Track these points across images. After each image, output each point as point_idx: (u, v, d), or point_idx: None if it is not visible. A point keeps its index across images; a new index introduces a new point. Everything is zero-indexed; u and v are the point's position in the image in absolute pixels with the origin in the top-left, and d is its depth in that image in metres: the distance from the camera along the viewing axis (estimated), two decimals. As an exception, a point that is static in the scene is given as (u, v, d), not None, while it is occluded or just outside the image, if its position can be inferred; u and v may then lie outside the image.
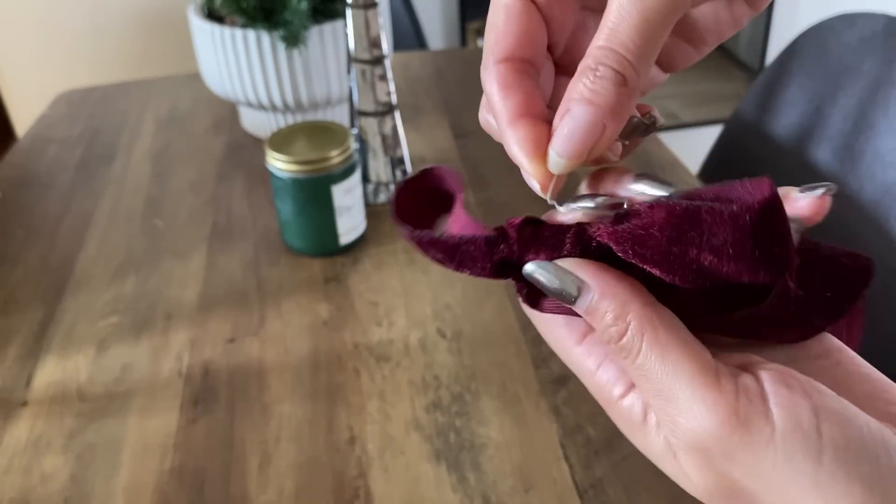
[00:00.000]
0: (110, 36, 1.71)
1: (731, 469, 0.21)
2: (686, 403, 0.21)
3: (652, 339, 0.22)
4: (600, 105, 0.22)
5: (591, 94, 0.22)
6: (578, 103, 0.22)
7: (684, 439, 0.21)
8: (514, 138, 0.24)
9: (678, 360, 0.21)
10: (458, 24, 2.16)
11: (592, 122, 0.22)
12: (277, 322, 0.64)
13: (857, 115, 0.82)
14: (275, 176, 0.67)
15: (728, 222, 0.21)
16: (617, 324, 0.22)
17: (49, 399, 0.57)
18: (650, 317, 0.22)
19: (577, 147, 0.23)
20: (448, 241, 0.25)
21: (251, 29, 0.78)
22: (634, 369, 0.22)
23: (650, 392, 0.22)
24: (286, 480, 0.51)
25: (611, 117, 0.22)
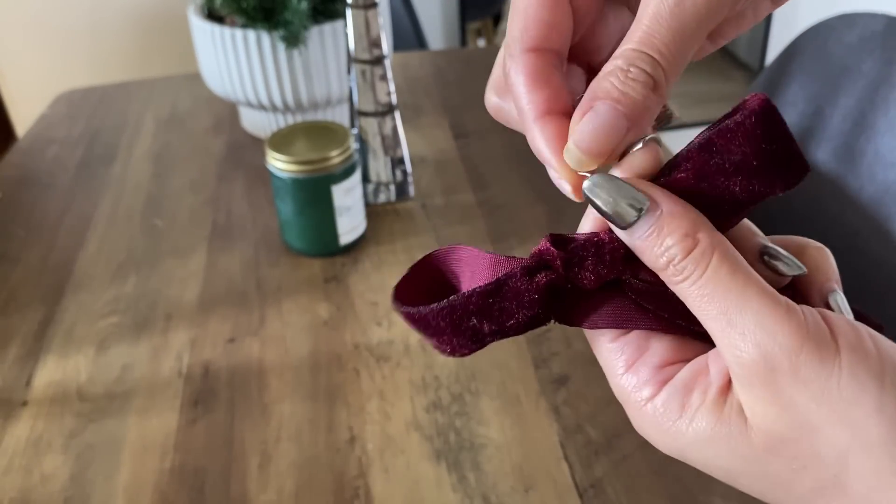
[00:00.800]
0: (110, 36, 1.71)
1: (797, 392, 0.20)
2: (755, 317, 0.20)
3: (722, 254, 0.21)
4: (628, 107, 0.22)
5: (619, 95, 0.22)
6: (605, 102, 0.22)
7: (752, 358, 0.21)
8: (542, 136, 0.23)
9: (747, 277, 0.21)
10: (458, 24, 2.16)
11: (617, 123, 0.22)
12: (277, 322, 0.64)
13: (857, 115, 0.82)
14: (275, 176, 0.67)
15: (737, 133, 0.21)
16: (686, 240, 0.21)
17: (49, 399, 0.57)
18: (720, 240, 0.22)
19: (599, 146, 0.22)
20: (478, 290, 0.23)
21: (251, 29, 0.78)
22: (699, 288, 0.21)
23: (714, 312, 0.21)
24: (286, 480, 0.51)
25: (637, 120, 0.22)
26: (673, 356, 0.24)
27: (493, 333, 0.24)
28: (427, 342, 0.25)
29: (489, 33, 2.59)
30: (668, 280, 0.22)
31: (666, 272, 0.22)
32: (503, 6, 2.65)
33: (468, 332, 0.24)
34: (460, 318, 0.23)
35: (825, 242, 0.27)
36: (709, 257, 0.21)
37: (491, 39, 2.60)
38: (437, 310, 0.23)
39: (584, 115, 0.22)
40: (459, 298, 0.23)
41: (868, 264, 0.77)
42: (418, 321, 0.24)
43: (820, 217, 0.83)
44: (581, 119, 0.22)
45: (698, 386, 0.23)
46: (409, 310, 0.24)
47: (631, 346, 0.24)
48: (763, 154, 0.21)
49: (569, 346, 0.61)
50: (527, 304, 0.23)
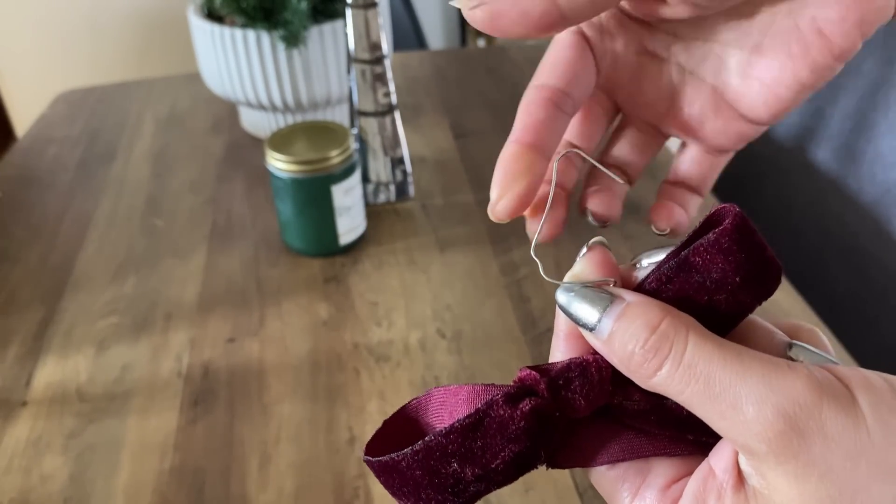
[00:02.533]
0: (110, 36, 1.71)
1: (830, 454, 0.18)
2: (765, 382, 0.19)
3: (700, 331, 0.20)
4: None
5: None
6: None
7: (776, 429, 0.18)
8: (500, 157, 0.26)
9: (738, 348, 0.20)
10: (458, 24, 2.16)
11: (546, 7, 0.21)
12: (277, 322, 0.64)
13: (857, 115, 0.82)
14: (275, 176, 0.67)
15: (714, 251, 0.21)
16: (654, 332, 0.20)
17: (49, 399, 0.57)
18: (687, 321, 0.20)
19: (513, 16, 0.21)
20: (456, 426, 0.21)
21: (251, 29, 0.78)
22: (686, 370, 0.19)
23: (715, 392, 0.19)
24: (286, 480, 0.51)
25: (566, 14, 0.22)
26: (676, 473, 0.22)
27: (477, 480, 0.21)
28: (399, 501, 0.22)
29: (489, 33, 2.59)
30: (648, 377, 0.20)
31: (643, 367, 0.20)
32: (503, 6, 2.65)
33: (448, 482, 0.21)
34: (438, 463, 0.21)
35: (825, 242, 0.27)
36: (684, 331, 0.20)
37: (491, 39, 2.60)
38: (410, 454, 0.21)
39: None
40: (435, 438, 0.21)
41: (868, 264, 0.77)
42: (390, 471, 0.22)
43: (820, 217, 0.83)
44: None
45: (710, 493, 0.21)
46: (380, 459, 0.22)
47: (631, 471, 0.23)
48: (742, 268, 0.21)
49: (569, 346, 0.60)
50: (513, 436, 0.21)
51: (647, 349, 0.20)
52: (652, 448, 0.22)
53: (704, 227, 0.22)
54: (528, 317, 0.63)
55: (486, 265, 0.70)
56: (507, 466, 0.21)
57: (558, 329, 0.24)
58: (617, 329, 0.21)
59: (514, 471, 0.22)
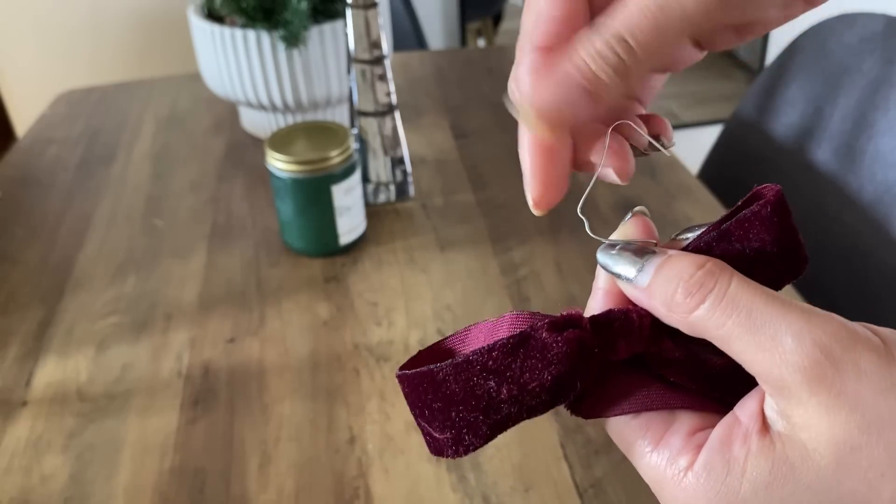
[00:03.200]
0: (110, 36, 1.71)
1: (863, 387, 0.19)
2: (804, 317, 0.20)
3: (741, 275, 0.21)
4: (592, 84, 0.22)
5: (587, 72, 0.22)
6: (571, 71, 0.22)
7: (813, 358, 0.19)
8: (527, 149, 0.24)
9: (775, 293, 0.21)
10: (458, 24, 2.16)
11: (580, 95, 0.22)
12: (277, 322, 0.64)
13: (857, 115, 0.82)
14: (275, 176, 0.67)
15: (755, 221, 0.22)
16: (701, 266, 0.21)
17: (49, 399, 0.57)
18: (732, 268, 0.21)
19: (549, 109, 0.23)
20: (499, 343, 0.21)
21: (251, 29, 0.78)
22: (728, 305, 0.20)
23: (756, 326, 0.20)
24: (286, 480, 0.51)
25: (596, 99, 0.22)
26: (702, 423, 0.23)
27: (511, 401, 0.21)
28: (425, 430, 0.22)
29: (489, 33, 2.59)
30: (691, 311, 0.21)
31: (684, 302, 0.21)
32: (503, 6, 2.65)
33: (483, 401, 0.21)
34: (477, 377, 0.21)
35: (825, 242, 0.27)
36: (728, 272, 0.21)
37: (491, 39, 2.60)
38: (449, 366, 0.21)
39: (549, 75, 0.22)
40: (477, 353, 0.21)
41: (868, 264, 0.77)
42: (424, 384, 0.21)
43: (820, 217, 0.83)
44: (543, 76, 0.22)
45: (736, 438, 0.21)
46: (417, 370, 0.21)
47: (656, 419, 0.23)
48: (779, 241, 0.22)
49: (569, 346, 0.60)
50: (554, 360, 0.21)
51: (691, 283, 0.21)
52: (679, 400, 0.23)
53: (745, 203, 0.23)
54: (528, 317, 0.63)
55: (486, 265, 0.70)
56: (542, 390, 0.21)
57: (597, 287, 0.25)
58: (658, 275, 0.22)
59: (549, 397, 0.21)
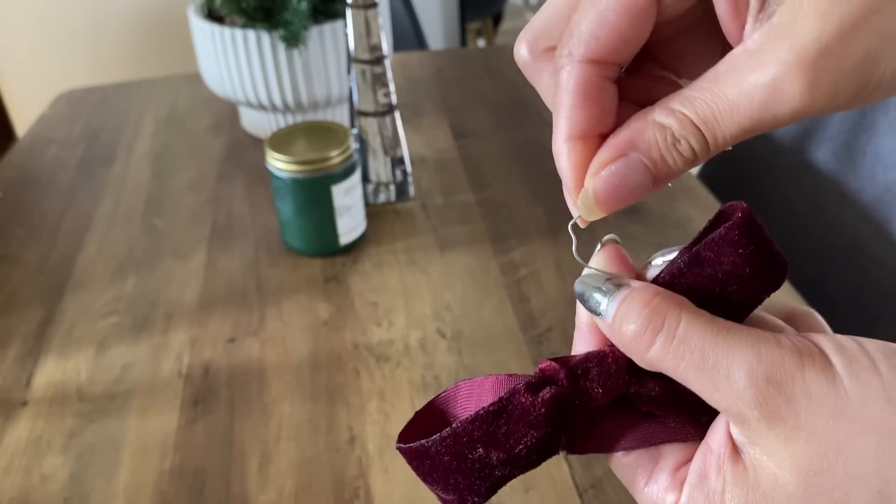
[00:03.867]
0: (110, 36, 1.71)
1: (814, 414, 0.19)
2: (753, 351, 0.20)
3: (691, 308, 0.21)
4: (661, 172, 0.21)
5: (659, 159, 0.21)
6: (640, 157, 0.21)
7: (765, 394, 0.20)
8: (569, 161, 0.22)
9: (726, 322, 0.21)
10: (458, 24, 2.16)
11: (642, 183, 0.21)
12: (277, 322, 0.64)
13: (856, 114, 0.82)
14: (275, 176, 0.67)
15: (724, 244, 0.22)
16: (653, 301, 0.21)
17: (49, 399, 0.57)
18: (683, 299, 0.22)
19: (615, 201, 0.22)
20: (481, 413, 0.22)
21: (251, 29, 0.78)
22: (679, 344, 0.21)
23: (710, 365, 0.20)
24: (286, 480, 0.51)
25: (660, 185, 0.21)
26: (685, 456, 0.24)
27: (502, 464, 0.22)
28: (433, 492, 0.24)
29: (489, 33, 2.59)
30: (644, 353, 0.21)
31: (638, 342, 0.21)
32: (503, 6, 2.65)
33: (475, 467, 0.22)
34: (465, 448, 0.22)
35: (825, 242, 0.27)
36: (676, 308, 0.21)
37: (491, 39, 2.60)
38: (439, 440, 0.22)
39: (615, 159, 0.21)
40: (462, 425, 0.22)
41: (868, 264, 0.77)
42: (420, 457, 0.23)
43: (820, 217, 0.83)
44: (610, 165, 0.21)
45: (710, 469, 0.22)
46: (410, 445, 0.23)
47: (644, 457, 0.24)
48: (751, 260, 0.22)
49: (569, 346, 0.60)
50: (534, 422, 0.22)
51: (640, 324, 0.21)
52: (665, 434, 0.24)
53: (714, 224, 0.23)
54: (527, 317, 0.63)
55: (486, 265, 0.70)
56: (529, 451, 0.22)
57: (580, 322, 0.25)
58: (617, 311, 0.22)
59: (536, 456, 0.23)
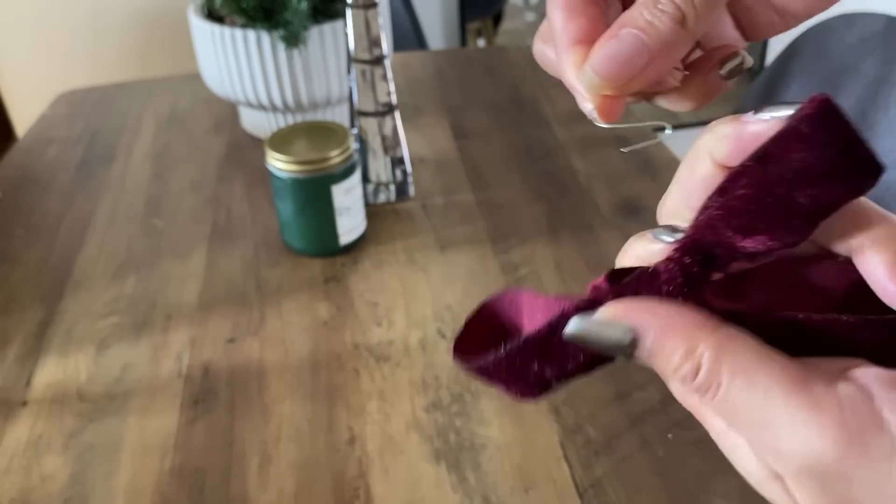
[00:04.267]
0: (110, 36, 1.71)
1: (851, 491, 0.18)
2: (787, 428, 0.18)
3: (732, 366, 0.19)
4: (652, 37, 0.22)
5: (645, 24, 0.22)
6: (629, 29, 0.22)
7: (792, 467, 0.19)
8: (569, 63, 0.23)
9: (767, 383, 0.19)
10: (458, 24, 2.16)
11: (637, 52, 0.22)
12: (277, 322, 0.64)
13: (857, 115, 0.82)
14: (275, 176, 0.67)
15: (793, 139, 0.19)
16: (689, 360, 0.19)
17: (49, 399, 0.57)
18: (724, 342, 0.19)
19: (613, 69, 0.22)
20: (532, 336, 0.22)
21: (251, 29, 0.78)
22: (718, 405, 0.19)
23: (742, 425, 0.19)
24: (286, 480, 0.51)
25: (658, 52, 0.22)
26: None
27: (556, 377, 0.22)
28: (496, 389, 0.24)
29: (489, 33, 2.59)
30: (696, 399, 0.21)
31: (684, 390, 0.21)
32: (503, 6, 2.65)
33: (533, 379, 0.22)
34: (522, 366, 0.22)
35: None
36: (718, 374, 0.19)
37: (491, 39, 2.60)
38: (495, 361, 0.22)
39: (608, 41, 0.22)
40: (516, 346, 0.22)
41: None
42: (482, 373, 0.23)
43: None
44: (604, 44, 0.22)
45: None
46: (472, 364, 0.23)
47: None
48: (825, 159, 0.19)
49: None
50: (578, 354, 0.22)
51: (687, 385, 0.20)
52: None
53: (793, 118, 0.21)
54: (528, 317, 0.63)
55: (486, 265, 0.70)
56: (581, 367, 0.22)
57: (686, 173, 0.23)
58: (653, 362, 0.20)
59: (591, 368, 0.22)
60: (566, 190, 0.81)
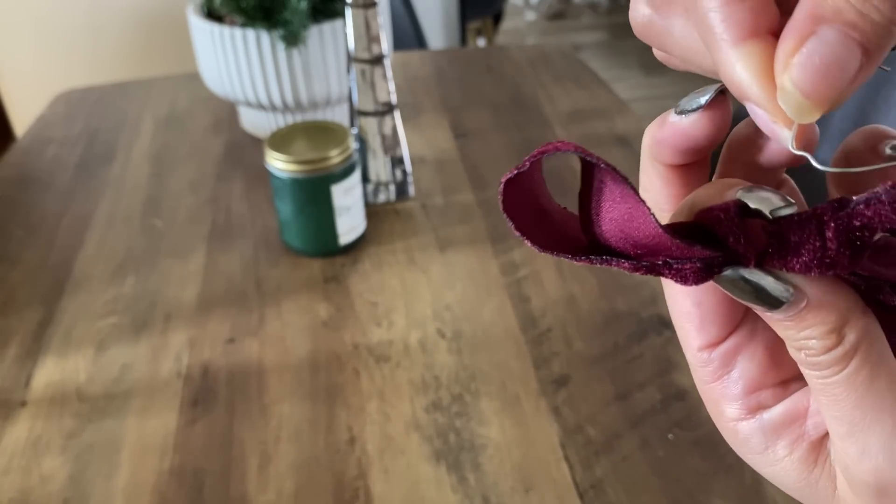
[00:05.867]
0: (110, 36, 1.71)
1: None
2: (879, 437, 0.18)
3: (865, 356, 0.18)
4: (866, 35, 0.15)
5: (856, 18, 0.15)
6: (834, 26, 0.15)
7: (864, 480, 0.19)
8: (748, 68, 0.17)
9: (886, 388, 0.18)
10: (458, 24, 2.16)
11: (850, 58, 0.15)
12: (277, 322, 0.64)
13: (857, 114, 0.82)
14: (274, 176, 0.67)
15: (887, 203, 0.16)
16: (829, 336, 0.18)
17: (48, 399, 0.57)
18: (869, 330, 0.18)
19: (826, 88, 0.16)
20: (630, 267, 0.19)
21: (251, 29, 0.78)
22: (827, 385, 0.19)
23: (837, 415, 0.19)
24: (286, 480, 0.51)
25: (875, 54, 0.16)
26: (760, 381, 0.22)
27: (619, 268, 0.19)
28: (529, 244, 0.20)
29: (489, 33, 2.59)
30: (798, 361, 0.20)
31: (797, 355, 0.19)
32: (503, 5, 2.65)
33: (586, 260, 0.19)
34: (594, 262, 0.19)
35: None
36: (849, 358, 0.18)
37: (491, 39, 2.60)
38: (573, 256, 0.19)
39: (803, 42, 0.16)
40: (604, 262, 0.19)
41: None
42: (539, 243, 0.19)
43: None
44: (800, 48, 0.16)
45: (788, 434, 0.21)
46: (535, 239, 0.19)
47: (717, 362, 0.22)
48: None
49: (569, 346, 0.60)
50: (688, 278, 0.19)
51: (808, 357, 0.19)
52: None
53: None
54: (528, 317, 0.63)
55: (486, 265, 0.70)
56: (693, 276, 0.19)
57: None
58: (788, 323, 0.19)
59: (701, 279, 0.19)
60: (566, 190, 0.81)
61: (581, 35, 3.28)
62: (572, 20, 3.47)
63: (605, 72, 2.78)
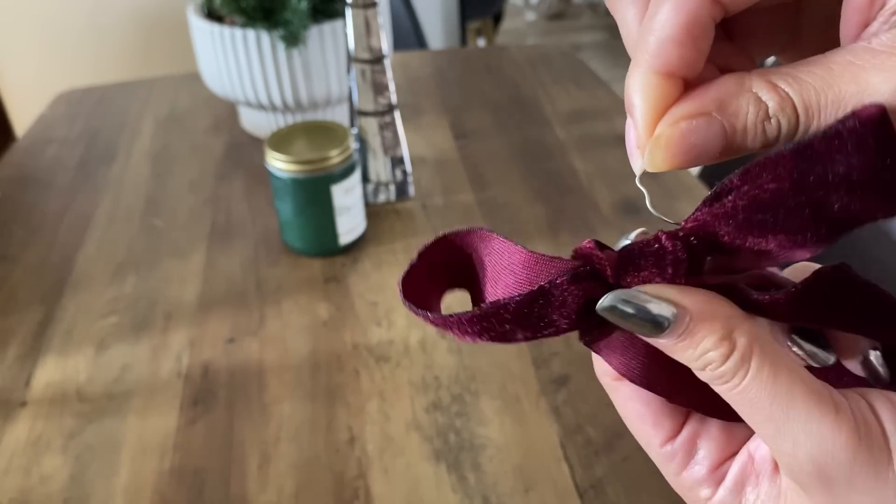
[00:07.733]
0: (110, 36, 1.71)
1: (851, 497, 0.19)
2: (803, 425, 0.19)
3: (761, 357, 0.20)
4: (741, 143, 0.19)
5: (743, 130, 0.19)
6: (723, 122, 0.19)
7: (805, 470, 0.19)
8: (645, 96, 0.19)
9: (790, 380, 0.19)
10: (458, 24, 2.16)
11: (717, 148, 0.19)
12: (277, 322, 0.64)
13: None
14: (274, 176, 0.67)
15: (846, 141, 0.18)
16: (722, 346, 0.20)
17: (48, 399, 0.57)
18: (756, 333, 0.20)
19: (685, 159, 0.19)
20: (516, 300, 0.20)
21: (251, 29, 0.78)
22: (739, 394, 0.20)
23: (759, 419, 0.20)
24: (286, 480, 0.51)
25: (726, 155, 0.19)
26: (722, 455, 0.23)
27: (526, 339, 0.21)
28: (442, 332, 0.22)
29: (489, 33, 2.59)
30: (707, 381, 0.21)
31: (703, 374, 0.20)
32: (503, 6, 2.65)
33: (500, 336, 0.21)
34: (490, 325, 0.21)
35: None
36: (748, 360, 0.20)
37: (491, 39, 2.60)
38: (463, 317, 0.21)
39: (699, 116, 0.19)
40: (492, 308, 0.21)
41: (868, 265, 0.77)
42: (436, 323, 0.22)
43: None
44: (692, 119, 0.19)
45: (749, 481, 0.22)
46: (428, 315, 0.22)
47: (680, 452, 0.23)
48: (871, 170, 0.18)
49: (569, 346, 0.60)
50: (571, 314, 0.21)
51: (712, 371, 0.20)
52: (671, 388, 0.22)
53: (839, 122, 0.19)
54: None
55: (486, 265, 0.70)
56: (553, 333, 0.21)
57: None
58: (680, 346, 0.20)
59: (558, 334, 0.21)
60: (566, 190, 0.81)
61: (581, 35, 3.28)
62: (572, 20, 3.47)
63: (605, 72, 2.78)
